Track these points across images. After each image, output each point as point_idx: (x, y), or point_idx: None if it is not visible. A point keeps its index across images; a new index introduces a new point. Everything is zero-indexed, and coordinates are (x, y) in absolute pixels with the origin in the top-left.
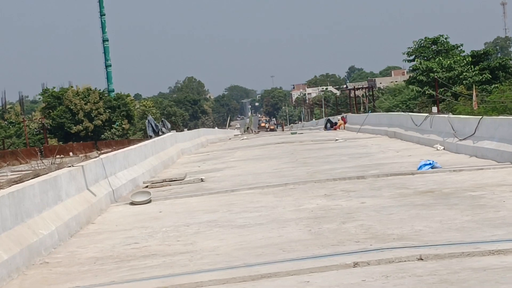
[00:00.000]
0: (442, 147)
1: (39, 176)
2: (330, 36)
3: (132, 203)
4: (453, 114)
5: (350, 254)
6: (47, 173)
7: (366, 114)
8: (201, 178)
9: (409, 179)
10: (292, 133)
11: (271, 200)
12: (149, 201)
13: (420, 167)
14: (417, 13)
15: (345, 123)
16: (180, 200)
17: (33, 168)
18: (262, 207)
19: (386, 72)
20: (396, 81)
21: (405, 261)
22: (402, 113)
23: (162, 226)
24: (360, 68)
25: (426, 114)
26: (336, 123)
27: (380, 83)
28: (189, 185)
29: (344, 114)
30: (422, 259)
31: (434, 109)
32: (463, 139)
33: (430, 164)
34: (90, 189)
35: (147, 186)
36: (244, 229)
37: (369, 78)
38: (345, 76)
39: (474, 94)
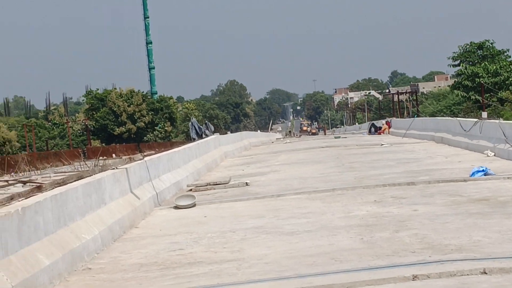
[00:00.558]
0: (493, 153)
1: (82, 178)
2: (373, 40)
3: (176, 207)
4: (501, 119)
5: (408, 266)
6: (90, 175)
7: (412, 118)
8: (246, 182)
9: (462, 186)
10: (335, 137)
11: (318, 205)
12: (193, 205)
13: (473, 174)
14: (461, 18)
15: (389, 127)
16: (225, 204)
17: (76, 170)
18: (310, 213)
19: (429, 77)
20: (439, 86)
21: (467, 274)
22: (450, 118)
23: (207, 232)
24: (403, 73)
25: (475, 120)
26: (380, 128)
27: (423, 88)
28: (234, 189)
29: (388, 119)
30: (486, 273)
31: (484, 114)
32: None
33: (483, 170)
34: (134, 192)
35: (191, 190)
36: (292, 236)
37: (411, 83)
38: (388, 80)
39: None
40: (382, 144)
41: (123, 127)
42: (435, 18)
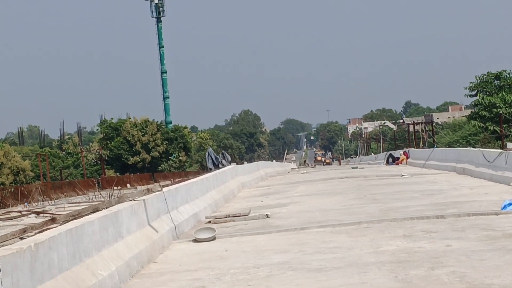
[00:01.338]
0: None
1: (98, 210)
2: (386, 71)
3: (196, 240)
4: None
5: None
6: (106, 208)
7: (431, 149)
8: (267, 214)
9: (494, 219)
10: (353, 168)
11: (345, 240)
12: (213, 238)
13: (504, 207)
14: (475, 48)
15: (407, 158)
16: (247, 237)
17: (90, 200)
18: (336, 248)
19: (443, 108)
20: (453, 117)
21: None
22: (472, 148)
23: (230, 267)
24: (417, 103)
25: (500, 150)
26: (398, 158)
27: (437, 118)
28: (254, 221)
29: (406, 149)
30: None
31: (510, 145)
32: None
33: None
34: (151, 225)
35: (209, 222)
36: (321, 273)
37: (425, 113)
38: (401, 110)
39: None
40: (403, 175)
41: (137, 156)
42: (448, 49)
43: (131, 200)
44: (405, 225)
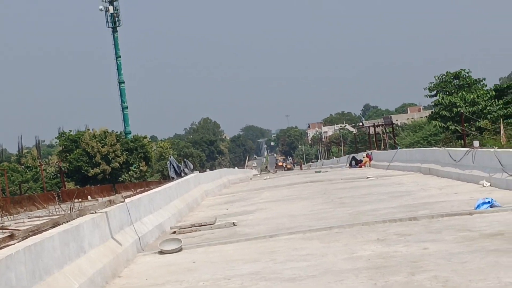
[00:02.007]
0: (489, 184)
1: (58, 225)
2: (344, 75)
3: (161, 252)
4: (496, 148)
5: None
6: (67, 221)
7: (395, 150)
8: (233, 222)
9: (469, 219)
10: (316, 172)
11: (317, 246)
12: (179, 249)
13: (478, 206)
14: (431, 49)
15: (370, 160)
16: (214, 247)
17: (51, 214)
18: (309, 255)
19: (401, 109)
20: (412, 118)
21: None
22: (437, 148)
23: (198, 280)
24: (375, 106)
25: (466, 149)
26: (361, 161)
27: (396, 120)
28: (221, 230)
29: (369, 151)
30: None
31: (476, 143)
32: None
33: (488, 202)
34: (115, 238)
35: (174, 232)
36: (295, 283)
37: (384, 115)
38: (360, 113)
39: (502, 128)
40: (368, 177)
41: (97, 168)
42: (405, 50)
43: (92, 213)
44: (377, 228)
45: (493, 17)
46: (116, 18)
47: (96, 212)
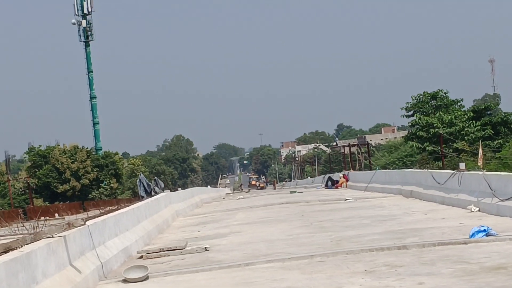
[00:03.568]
0: (477, 209)
1: (10, 250)
2: (318, 94)
3: (125, 281)
4: (484, 171)
5: None
6: (21, 246)
7: (373, 171)
8: (205, 247)
9: (464, 250)
10: (291, 192)
11: (298, 278)
12: (146, 278)
13: (473, 235)
14: (404, 70)
15: (347, 180)
16: (184, 276)
17: (12, 233)
18: None
19: (375, 130)
20: (386, 138)
21: None
22: (419, 170)
23: None
24: (349, 126)
25: (452, 171)
26: (337, 181)
27: (370, 140)
28: (192, 256)
29: (345, 171)
30: None
31: (462, 165)
32: (507, 199)
33: (484, 230)
34: (73, 265)
35: (141, 257)
36: None
37: (358, 135)
38: (334, 133)
39: (480, 150)
40: (346, 199)
41: (67, 184)
42: (378, 71)
43: (49, 237)
44: (364, 258)
45: (465, 39)
46: (89, 32)
47: (53, 236)
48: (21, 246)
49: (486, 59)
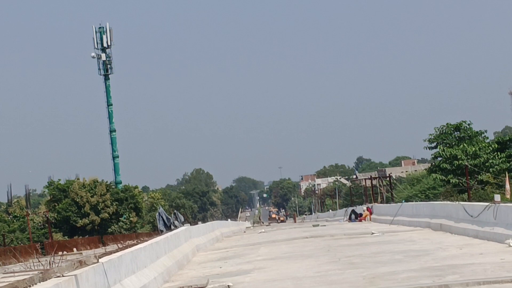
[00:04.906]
0: None
1: None
2: (337, 127)
3: None
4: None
5: None
6: (27, 287)
7: (399, 204)
8: (228, 286)
9: None
10: (314, 225)
11: None
12: None
13: None
14: (423, 102)
15: (371, 213)
16: None
17: (28, 269)
18: None
19: (395, 162)
20: (406, 171)
21: None
22: (450, 202)
23: None
24: (368, 159)
25: (486, 204)
26: (361, 214)
27: (391, 173)
28: None
29: (369, 204)
30: None
31: (497, 197)
32: None
33: None
34: None
35: None
36: None
37: (378, 168)
38: (354, 166)
39: (508, 182)
40: (373, 233)
41: (86, 218)
42: (397, 104)
43: (58, 276)
44: None
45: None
46: (109, 66)
47: (63, 275)
48: (29, 287)
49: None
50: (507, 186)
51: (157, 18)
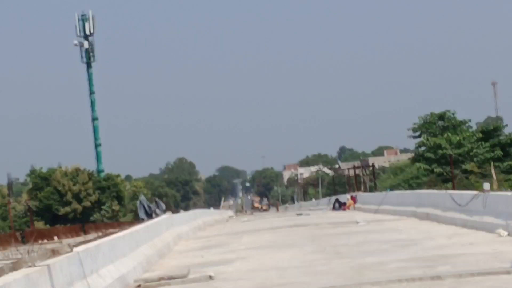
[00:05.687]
0: (506, 233)
1: None
2: (320, 117)
3: None
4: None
5: None
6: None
7: (384, 192)
8: (210, 275)
9: (509, 281)
10: (298, 214)
11: None
12: None
13: None
14: (406, 92)
15: (355, 202)
16: None
17: (6, 258)
18: None
19: (378, 152)
20: (389, 161)
21: None
22: (436, 191)
23: None
24: (351, 148)
25: (475, 192)
26: (345, 203)
27: (373, 162)
28: (195, 286)
29: (353, 193)
30: None
31: (486, 185)
32: None
33: None
34: None
35: (139, 286)
36: None
37: (361, 157)
38: (336, 156)
39: (493, 171)
40: (358, 222)
41: (68, 207)
42: (379, 94)
43: (30, 266)
44: None
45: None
46: (91, 54)
47: (34, 265)
48: None
49: (488, 82)
50: (494, 175)
51: (140, 7)
